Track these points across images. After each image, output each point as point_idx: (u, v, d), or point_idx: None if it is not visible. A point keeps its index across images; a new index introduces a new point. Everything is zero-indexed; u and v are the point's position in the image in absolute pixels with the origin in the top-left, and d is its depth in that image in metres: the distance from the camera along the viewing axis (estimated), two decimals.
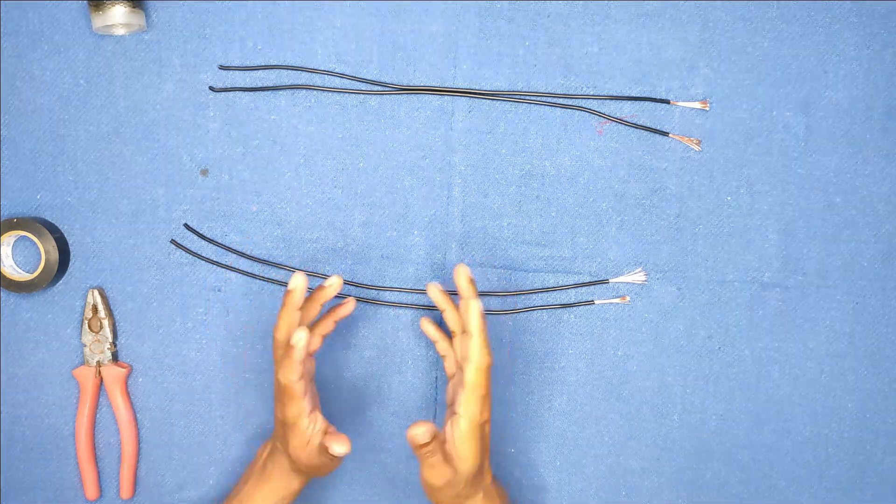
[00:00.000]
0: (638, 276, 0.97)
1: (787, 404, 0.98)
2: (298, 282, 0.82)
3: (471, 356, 0.79)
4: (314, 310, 0.87)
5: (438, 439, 0.79)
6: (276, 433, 0.88)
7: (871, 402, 0.98)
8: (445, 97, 0.97)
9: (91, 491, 1.00)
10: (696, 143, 0.95)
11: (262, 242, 0.98)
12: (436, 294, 0.88)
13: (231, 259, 0.98)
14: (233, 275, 0.98)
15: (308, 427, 0.83)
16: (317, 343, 0.90)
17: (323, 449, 0.83)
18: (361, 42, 0.96)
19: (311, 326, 0.90)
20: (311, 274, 0.98)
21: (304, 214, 0.98)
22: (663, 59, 0.95)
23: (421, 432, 0.77)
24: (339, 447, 0.81)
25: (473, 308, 0.79)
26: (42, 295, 0.99)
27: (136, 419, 1.00)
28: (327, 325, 0.91)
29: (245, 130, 0.97)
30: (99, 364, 0.98)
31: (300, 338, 0.78)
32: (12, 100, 0.97)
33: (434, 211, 0.98)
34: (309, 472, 0.88)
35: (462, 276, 0.82)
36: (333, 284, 0.86)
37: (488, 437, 0.83)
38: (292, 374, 0.80)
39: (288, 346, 0.80)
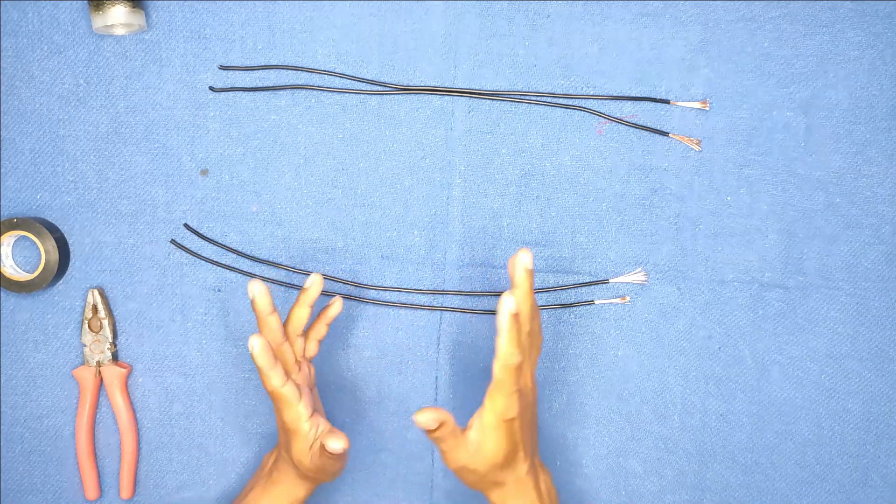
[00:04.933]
0: (638, 276, 0.96)
1: (789, 406, 0.97)
2: (256, 290, 0.81)
3: (497, 352, 0.76)
4: (302, 314, 0.87)
5: (447, 427, 0.78)
6: (280, 441, 0.87)
7: (873, 404, 0.97)
8: (445, 97, 0.97)
9: (91, 491, 1.00)
10: (696, 143, 0.95)
11: (262, 242, 0.98)
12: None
13: (231, 259, 0.98)
14: (233, 275, 0.98)
15: (309, 431, 0.83)
16: (312, 348, 0.90)
17: (324, 450, 0.83)
18: (361, 42, 0.96)
19: (305, 332, 0.90)
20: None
21: (304, 214, 0.98)
22: (663, 59, 0.95)
23: (423, 419, 0.75)
24: (335, 443, 0.80)
25: (502, 305, 0.75)
26: (42, 295, 0.99)
27: (136, 419, 1.00)
28: (319, 329, 0.91)
29: (245, 130, 0.97)
30: (99, 364, 0.98)
31: (252, 345, 0.77)
32: (12, 100, 0.97)
33: (434, 211, 0.98)
34: (315, 478, 0.87)
35: (518, 265, 0.76)
36: (315, 283, 0.86)
37: (521, 432, 0.80)
38: (273, 381, 0.80)
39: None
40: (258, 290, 0.81)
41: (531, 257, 0.76)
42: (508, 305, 0.74)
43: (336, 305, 0.90)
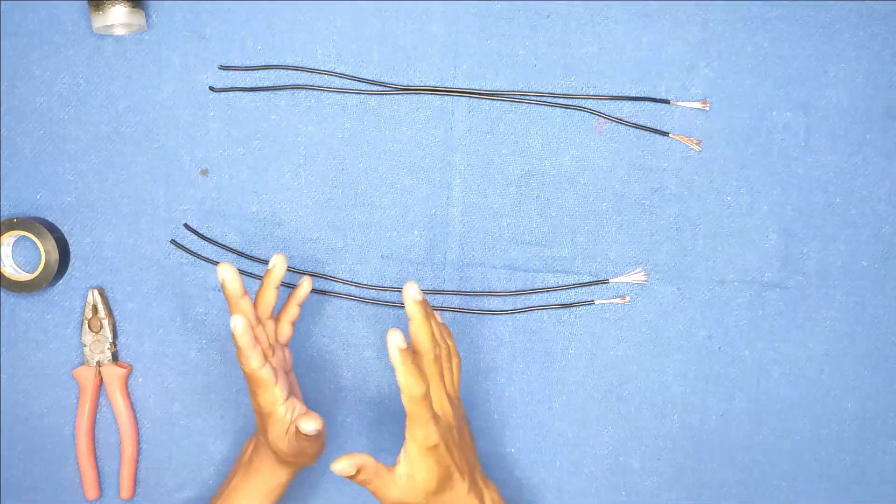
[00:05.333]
0: (638, 276, 0.97)
1: (787, 404, 0.98)
2: (226, 273, 0.81)
3: (399, 386, 0.77)
4: (269, 296, 0.87)
5: (368, 469, 0.78)
6: (258, 426, 0.87)
7: (870, 403, 0.98)
8: (445, 97, 0.97)
9: (91, 491, 1.00)
10: (696, 143, 0.95)
11: (262, 242, 0.98)
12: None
13: (231, 259, 0.98)
14: None
15: (285, 415, 0.83)
16: (286, 331, 0.90)
17: (300, 433, 0.82)
18: (361, 42, 0.96)
19: (277, 315, 0.90)
20: (313, 274, 0.98)
21: (304, 214, 0.98)
22: (663, 59, 0.95)
23: (340, 468, 0.77)
24: (308, 424, 0.80)
25: (389, 342, 0.76)
26: (42, 295, 0.99)
27: (136, 419, 1.00)
28: (291, 311, 0.90)
29: (245, 130, 0.97)
30: (99, 364, 0.98)
31: (235, 324, 0.78)
32: (12, 100, 0.97)
33: (434, 211, 0.98)
34: (294, 462, 0.87)
35: (407, 298, 0.79)
36: (278, 264, 0.86)
37: (449, 455, 0.81)
38: (251, 362, 0.80)
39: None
40: (228, 274, 0.81)
41: (417, 287, 0.79)
42: (395, 341, 0.75)
43: (305, 285, 0.90)
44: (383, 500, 0.81)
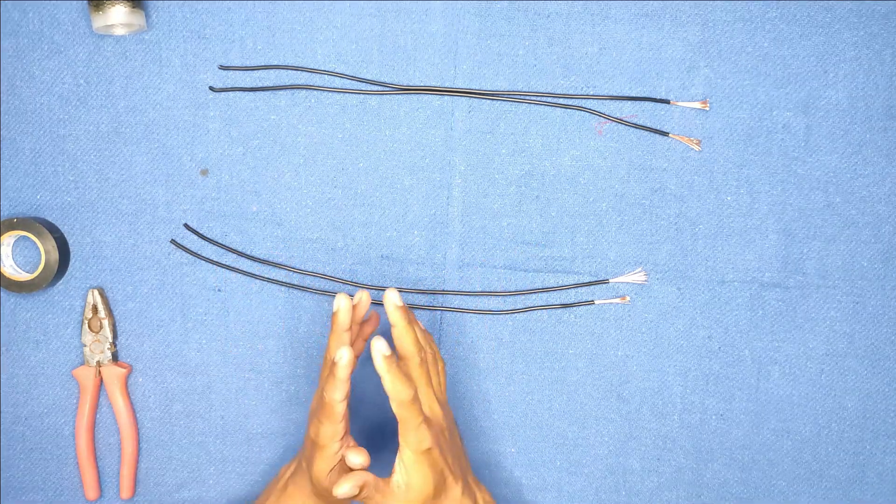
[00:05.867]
0: (638, 276, 0.97)
1: (787, 404, 0.98)
2: (341, 303, 0.81)
3: (387, 393, 0.78)
4: (354, 330, 0.86)
5: (369, 485, 0.79)
6: (302, 452, 0.87)
7: (870, 402, 0.98)
8: (445, 97, 0.97)
9: (91, 491, 1.00)
10: (696, 143, 0.95)
11: (262, 242, 0.98)
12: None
13: (231, 259, 0.98)
14: (233, 275, 0.98)
15: (336, 452, 0.83)
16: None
17: (343, 471, 0.82)
18: (361, 42, 0.96)
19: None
20: (316, 275, 0.98)
21: (304, 214, 0.98)
22: (663, 59, 0.95)
23: (344, 491, 0.77)
24: (355, 457, 0.80)
25: (373, 350, 0.77)
26: (42, 295, 0.99)
27: (136, 419, 1.00)
28: (358, 345, 0.90)
29: (245, 130, 0.97)
30: (99, 364, 0.98)
31: (342, 355, 0.77)
32: (12, 100, 0.97)
33: (434, 211, 0.98)
34: (329, 499, 0.87)
35: (388, 304, 0.81)
36: (361, 301, 0.85)
37: (442, 458, 0.81)
38: (336, 393, 0.80)
39: (332, 364, 0.79)
40: (344, 305, 0.81)
41: (398, 294, 0.81)
42: (380, 349, 0.77)
43: (372, 322, 0.91)
44: None
